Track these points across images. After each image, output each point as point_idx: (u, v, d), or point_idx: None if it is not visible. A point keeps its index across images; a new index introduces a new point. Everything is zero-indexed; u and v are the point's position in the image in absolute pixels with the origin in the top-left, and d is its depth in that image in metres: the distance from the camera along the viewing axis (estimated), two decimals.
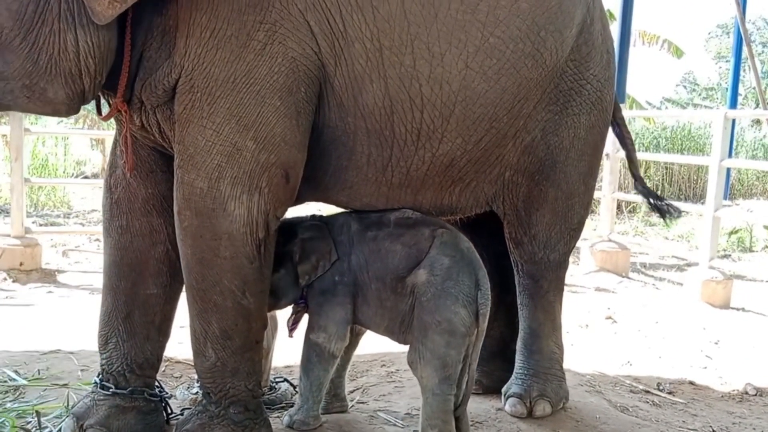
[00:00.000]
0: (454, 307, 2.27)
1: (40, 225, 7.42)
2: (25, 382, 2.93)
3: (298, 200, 2.50)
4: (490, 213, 2.75)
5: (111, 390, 2.46)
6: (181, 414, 2.57)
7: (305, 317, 2.53)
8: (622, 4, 6.57)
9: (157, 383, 2.59)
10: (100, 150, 11.67)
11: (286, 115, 2.22)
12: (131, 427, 2.45)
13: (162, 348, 2.57)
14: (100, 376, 2.50)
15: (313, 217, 2.53)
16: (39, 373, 3.03)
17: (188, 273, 2.29)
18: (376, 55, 2.28)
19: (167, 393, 2.63)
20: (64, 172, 10.22)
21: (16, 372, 3.01)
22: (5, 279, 5.08)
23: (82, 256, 6.19)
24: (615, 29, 6.31)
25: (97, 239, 6.88)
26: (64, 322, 4.01)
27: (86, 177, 10.34)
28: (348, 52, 2.26)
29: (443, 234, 2.37)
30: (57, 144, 10.72)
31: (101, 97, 2.39)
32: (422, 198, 2.54)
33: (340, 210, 2.59)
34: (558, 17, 2.50)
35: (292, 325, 2.53)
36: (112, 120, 2.43)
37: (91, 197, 9.37)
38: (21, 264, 5.24)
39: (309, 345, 2.44)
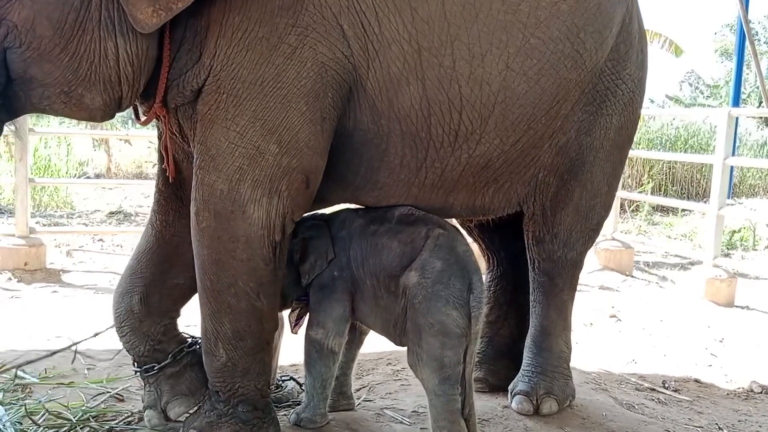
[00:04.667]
0: (445, 309, 2.25)
1: (44, 225, 7.43)
2: (35, 380, 2.93)
3: (329, 201, 2.53)
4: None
5: (156, 368, 2.51)
6: None
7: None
8: None
9: (188, 338, 2.61)
10: (105, 150, 11.68)
11: (312, 120, 2.21)
12: (197, 380, 2.52)
13: (177, 317, 2.61)
14: (136, 363, 2.54)
15: (314, 216, 2.53)
16: (46, 372, 3.04)
17: (203, 274, 2.29)
18: (414, 56, 2.26)
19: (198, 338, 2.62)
20: (66, 173, 10.22)
21: (23, 371, 3.01)
22: (10, 279, 5.09)
23: (86, 256, 6.20)
24: None
25: (101, 239, 6.89)
26: (70, 321, 4.02)
27: (89, 177, 10.35)
28: (383, 55, 2.25)
29: (439, 235, 2.34)
30: (60, 144, 10.72)
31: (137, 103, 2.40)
32: (454, 199, 2.54)
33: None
34: (597, 18, 2.49)
35: (296, 322, 2.54)
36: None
37: (94, 197, 9.38)
38: (26, 264, 5.24)
39: (309, 342, 2.45)
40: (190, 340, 2.60)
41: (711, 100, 21.05)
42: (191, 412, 2.48)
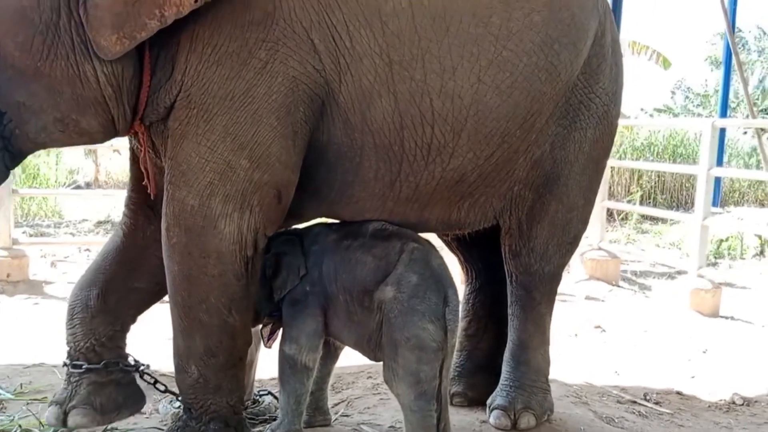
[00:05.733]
0: (422, 323, 2.24)
1: (30, 235, 7.40)
2: (9, 395, 2.91)
3: (304, 216, 2.52)
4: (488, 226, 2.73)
5: (84, 367, 2.46)
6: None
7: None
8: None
9: (131, 357, 2.59)
10: (93, 159, 11.64)
11: (283, 135, 2.21)
12: (114, 401, 2.48)
13: (128, 329, 2.58)
14: (69, 356, 2.49)
15: (287, 231, 2.52)
16: (21, 387, 3.02)
17: (174, 290, 2.28)
18: (385, 70, 2.26)
19: (143, 364, 2.61)
20: (56, 182, 10.19)
21: None
22: None
23: (72, 266, 6.16)
24: None
25: (87, 249, 6.85)
26: (49, 334, 3.96)
27: (78, 186, 10.31)
28: (355, 68, 2.25)
29: (414, 250, 2.33)
30: (48, 153, 10.68)
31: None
32: (429, 214, 2.53)
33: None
34: (572, 30, 2.49)
35: (268, 337, 2.52)
36: None
37: (83, 207, 9.34)
38: (8, 275, 5.22)
39: (282, 358, 2.43)
40: (131, 360, 2.57)
41: (701, 108, 21.12)
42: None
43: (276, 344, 2.52)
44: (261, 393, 2.95)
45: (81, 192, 9.14)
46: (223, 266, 2.21)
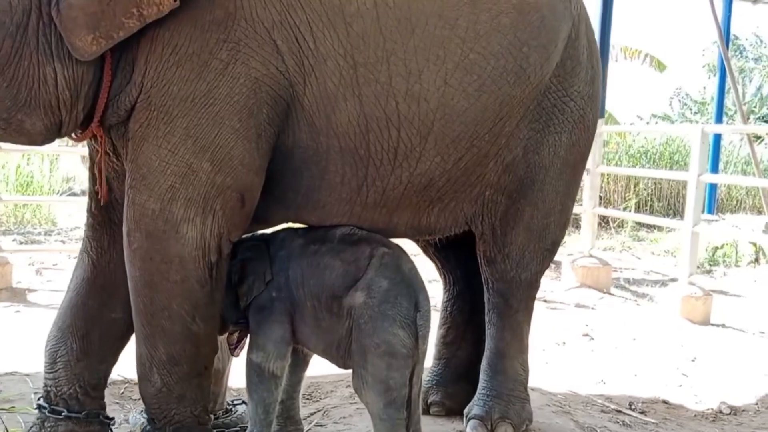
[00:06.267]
0: (392, 329, 2.19)
1: (21, 243, 7.34)
2: None
3: (270, 221, 2.47)
4: (465, 231, 2.68)
5: (63, 414, 2.38)
6: None
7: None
8: (600, 18, 6.56)
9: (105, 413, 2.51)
10: (88, 167, 11.57)
11: (246, 137, 2.16)
12: None
13: (110, 371, 2.50)
14: (48, 399, 2.40)
15: (253, 236, 2.47)
16: None
17: (136, 296, 2.22)
18: (349, 72, 2.22)
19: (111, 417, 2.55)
20: (50, 189, 10.14)
21: None
22: None
23: (58, 274, 6.10)
24: None
25: (76, 257, 6.78)
26: (26, 343, 3.91)
27: (74, 194, 10.22)
28: (319, 70, 2.20)
29: (384, 255, 2.28)
30: (43, 161, 10.64)
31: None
32: (398, 219, 2.48)
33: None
34: (541, 32, 2.44)
35: (236, 345, 2.46)
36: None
37: (78, 214, 9.25)
38: None
39: (249, 365, 2.37)
40: (110, 416, 2.51)
41: (699, 116, 21.09)
42: None
43: (244, 353, 2.46)
44: (235, 402, 2.90)
45: (69, 199, 9.03)
46: (185, 272, 2.16)
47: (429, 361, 2.73)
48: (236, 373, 2.89)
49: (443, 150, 2.37)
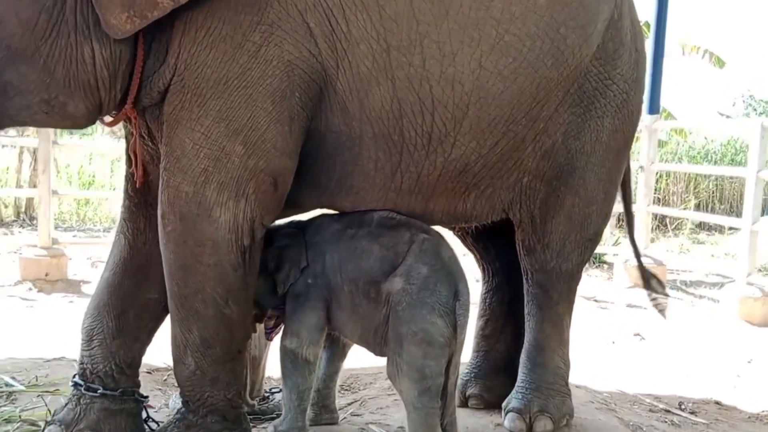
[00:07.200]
0: (430, 317, 2.15)
1: (80, 238, 7.55)
2: (21, 387, 2.92)
3: (304, 206, 2.45)
4: (504, 220, 2.62)
5: (99, 391, 2.39)
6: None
7: None
8: (656, 11, 6.39)
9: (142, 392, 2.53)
10: None
11: (278, 120, 2.15)
12: (121, 431, 2.39)
13: (144, 351, 2.52)
14: (83, 377, 2.42)
15: (290, 223, 2.46)
16: (37, 380, 3.02)
17: (170, 279, 2.23)
18: (383, 55, 2.19)
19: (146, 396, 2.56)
20: (111, 188, 10.36)
21: (13, 378, 3.00)
22: (30, 289, 5.16)
23: None
24: (648, 41, 6.13)
25: None
26: (77, 331, 4.00)
27: None
28: (352, 54, 2.18)
29: (424, 240, 2.25)
30: (103, 159, 10.91)
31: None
32: (434, 205, 2.44)
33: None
34: (580, 13, 2.37)
35: (270, 330, 2.46)
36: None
37: None
38: (46, 274, 5.32)
39: (283, 352, 2.36)
40: (146, 395, 2.52)
41: (765, 116, 20.40)
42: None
43: (278, 338, 2.46)
44: (273, 390, 2.90)
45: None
46: (218, 255, 2.16)
47: (467, 353, 2.69)
48: (275, 362, 2.90)
49: (478, 134, 2.31)
